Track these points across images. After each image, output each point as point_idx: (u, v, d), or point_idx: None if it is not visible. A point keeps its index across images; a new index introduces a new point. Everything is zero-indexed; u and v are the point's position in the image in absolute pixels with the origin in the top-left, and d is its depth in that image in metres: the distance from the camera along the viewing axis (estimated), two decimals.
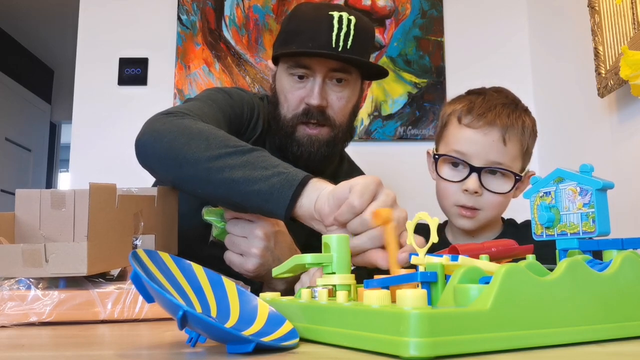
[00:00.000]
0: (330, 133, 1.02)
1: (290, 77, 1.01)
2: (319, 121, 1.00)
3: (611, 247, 0.49)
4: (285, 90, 1.02)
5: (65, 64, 4.04)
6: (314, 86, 0.99)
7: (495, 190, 0.95)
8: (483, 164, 0.94)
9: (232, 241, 0.82)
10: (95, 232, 0.66)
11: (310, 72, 0.99)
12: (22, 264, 0.64)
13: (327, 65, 0.98)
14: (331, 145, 1.02)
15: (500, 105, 0.97)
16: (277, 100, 1.04)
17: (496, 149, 0.94)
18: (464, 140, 0.96)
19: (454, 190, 0.97)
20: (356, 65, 1.01)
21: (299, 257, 0.53)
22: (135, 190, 0.78)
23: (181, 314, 0.38)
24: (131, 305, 0.64)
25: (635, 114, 1.25)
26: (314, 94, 0.98)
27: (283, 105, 1.03)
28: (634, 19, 1.20)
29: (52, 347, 0.50)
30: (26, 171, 4.14)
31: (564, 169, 0.54)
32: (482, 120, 0.95)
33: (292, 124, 1.01)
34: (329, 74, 0.99)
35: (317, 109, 0.99)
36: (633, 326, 0.44)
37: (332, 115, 1.01)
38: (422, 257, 0.46)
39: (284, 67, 1.02)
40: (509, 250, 0.55)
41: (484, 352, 0.37)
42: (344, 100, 1.02)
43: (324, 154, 1.02)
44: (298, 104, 1.01)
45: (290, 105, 1.01)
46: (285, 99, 1.02)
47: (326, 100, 1.00)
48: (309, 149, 1.01)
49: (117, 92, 1.89)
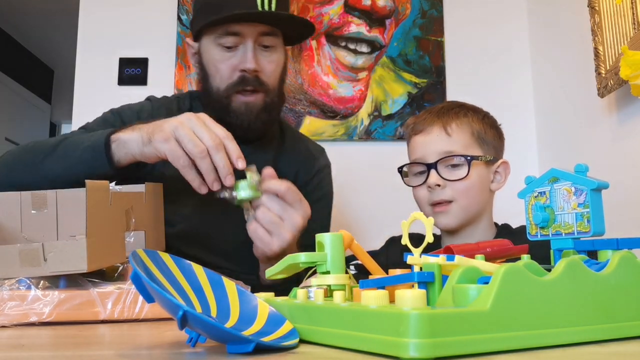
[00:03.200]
0: (266, 98, 1.02)
1: (218, 47, 1.01)
2: (254, 87, 1.01)
3: (606, 247, 0.49)
4: (215, 62, 1.01)
5: (65, 64, 4.04)
6: (247, 51, 0.99)
7: (454, 178, 0.99)
8: (436, 158, 1.00)
9: (267, 217, 0.83)
10: (93, 229, 0.66)
11: (240, 38, 0.99)
12: (20, 264, 0.64)
13: (257, 29, 0.99)
14: (268, 111, 1.03)
15: (439, 109, 1.06)
16: (206, 75, 1.04)
17: (441, 141, 1.01)
18: (415, 146, 1.05)
19: (423, 193, 1.03)
20: (286, 25, 1.02)
21: (292, 256, 0.53)
22: (118, 189, 0.78)
23: (181, 314, 0.38)
24: (131, 305, 0.65)
25: (635, 114, 1.25)
26: (248, 59, 0.99)
27: (215, 77, 1.02)
28: (634, 19, 1.20)
29: (52, 347, 0.50)
30: None
31: (558, 168, 0.54)
32: (424, 123, 1.04)
33: (228, 94, 1.01)
34: (258, 39, 1.00)
35: (252, 74, 1.00)
36: (632, 326, 0.44)
37: (265, 80, 1.02)
38: (419, 257, 0.46)
39: (211, 38, 1.01)
40: (504, 250, 0.55)
41: (484, 353, 0.37)
42: (274, 64, 1.03)
43: (262, 120, 1.03)
44: (231, 73, 1.00)
45: (223, 76, 1.01)
46: (216, 70, 1.01)
47: (260, 66, 1.00)
48: (247, 117, 1.01)
49: (117, 92, 1.89)
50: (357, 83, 1.87)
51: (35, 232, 0.76)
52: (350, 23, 1.89)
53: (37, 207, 0.76)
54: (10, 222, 0.76)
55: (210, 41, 1.02)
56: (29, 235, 0.76)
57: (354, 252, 0.59)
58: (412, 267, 0.47)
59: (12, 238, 0.76)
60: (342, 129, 1.85)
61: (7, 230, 0.76)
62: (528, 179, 0.57)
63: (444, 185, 0.99)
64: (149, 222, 0.82)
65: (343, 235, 0.54)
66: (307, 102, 1.85)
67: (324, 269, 0.52)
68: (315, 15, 1.90)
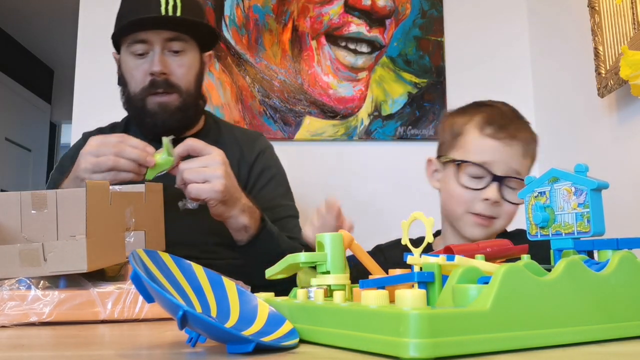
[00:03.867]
0: (179, 99, 1.10)
1: (131, 56, 1.10)
2: (165, 90, 1.08)
3: (606, 247, 0.49)
4: (130, 69, 1.11)
5: (65, 64, 4.04)
6: (154, 56, 1.08)
7: (513, 201, 0.96)
8: (504, 173, 0.96)
9: (192, 173, 0.90)
10: (93, 229, 0.66)
11: (148, 45, 1.08)
12: (20, 264, 0.64)
13: (162, 35, 1.07)
14: (183, 110, 1.11)
15: (516, 119, 1.02)
16: (125, 82, 1.13)
17: (517, 160, 0.97)
18: (488, 149, 0.97)
19: (471, 197, 0.97)
20: (189, 30, 1.09)
21: (292, 256, 0.53)
22: (118, 189, 0.78)
23: (181, 314, 0.38)
24: (131, 305, 0.65)
25: (635, 114, 1.25)
26: (154, 62, 1.07)
27: (130, 83, 1.11)
28: (634, 19, 1.20)
29: (52, 347, 0.50)
30: (26, 171, 4.14)
31: (558, 168, 0.54)
32: (505, 132, 0.97)
33: (142, 96, 1.09)
34: (166, 45, 1.08)
35: (161, 76, 1.07)
36: (632, 326, 0.44)
37: (176, 82, 1.09)
38: (418, 257, 0.46)
39: (125, 47, 1.11)
40: (504, 250, 0.55)
41: (484, 353, 0.37)
42: (185, 67, 1.11)
43: (177, 119, 1.10)
44: (144, 77, 1.09)
45: (137, 81, 1.10)
46: (131, 76, 1.11)
47: (168, 69, 1.08)
48: (162, 116, 1.09)
49: (117, 92, 1.88)
50: (357, 83, 1.87)
51: (35, 232, 0.76)
52: (350, 23, 1.89)
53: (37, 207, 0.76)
54: (10, 222, 0.76)
55: (124, 51, 1.12)
56: (29, 235, 0.76)
57: (354, 252, 0.59)
58: (412, 267, 0.47)
59: (12, 238, 0.76)
60: (342, 129, 1.85)
61: (7, 230, 0.76)
62: (528, 179, 0.57)
63: (500, 204, 0.96)
64: (149, 222, 0.82)
65: (343, 235, 0.54)
66: (307, 102, 1.85)
67: (324, 269, 0.52)
68: (315, 15, 1.90)
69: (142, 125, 1.13)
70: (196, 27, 1.10)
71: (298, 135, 1.84)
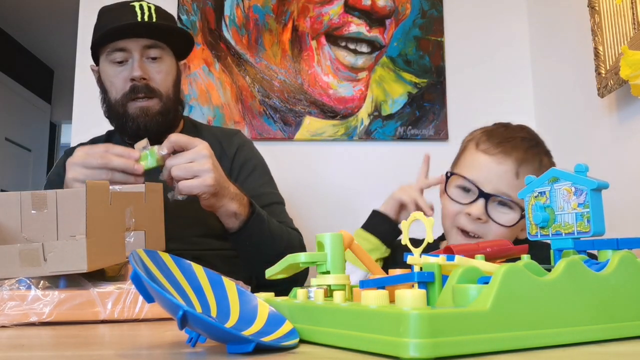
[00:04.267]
0: (160, 103, 1.13)
1: (111, 64, 1.13)
2: (146, 94, 1.12)
3: (606, 247, 0.49)
4: (109, 77, 1.14)
5: (65, 64, 4.04)
6: (133, 63, 1.11)
7: (498, 221, 0.93)
8: (492, 192, 0.93)
9: (181, 168, 0.91)
10: (93, 229, 0.66)
11: (127, 53, 1.12)
12: (20, 264, 0.64)
13: (140, 43, 1.12)
14: (163, 114, 1.14)
15: (519, 139, 0.97)
16: (105, 91, 1.16)
17: (507, 180, 0.93)
18: (478, 164, 0.96)
19: (457, 211, 0.96)
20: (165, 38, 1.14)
21: (292, 256, 0.53)
22: (118, 189, 0.78)
23: (181, 314, 0.38)
24: (131, 305, 0.65)
25: (635, 114, 1.25)
26: (134, 68, 1.11)
27: (111, 91, 1.14)
28: (634, 19, 1.20)
29: (52, 347, 0.50)
30: (26, 171, 4.14)
31: (558, 168, 0.54)
32: (499, 148, 0.95)
33: (123, 102, 1.12)
34: (144, 52, 1.12)
35: (141, 82, 1.11)
36: (632, 326, 0.44)
37: (156, 87, 1.13)
38: (418, 257, 0.46)
39: (104, 57, 1.14)
40: (504, 250, 0.55)
41: (484, 353, 0.37)
42: (163, 73, 1.15)
43: (158, 122, 1.13)
44: (124, 84, 1.12)
45: (117, 88, 1.13)
46: (111, 84, 1.14)
47: (147, 74, 1.12)
48: (143, 120, 1.12)
49: None
50: (357, 83, 1.87)
51: (35, 232, 0.76)
52: (350, 23, 1.89)
53: (37, 207, 0.76)
54: (10, 222, 0.76)
55: (103, 60, 1.15)
56: (29, 235, 0.76)
57: (354, 252, 0.59)
58: (412, 267, 0.47)
59: (12, 238, 0.76)
60: (342, 129, 1.85)
61: (7, 231, 0.76)
62: (528, 179, 0.57)
63: (485, 221, 0.93)
64: (149, 222, 0.82)
65: (343, 235, 0.54)
66: (307, 102, 1.85)
67: (324, 269, 0.52)
68: (315, 15, 1.90)
69: (124, 130, 1.16)
70: (172, 33, 1.15)
71: (298, 135, 1.84)
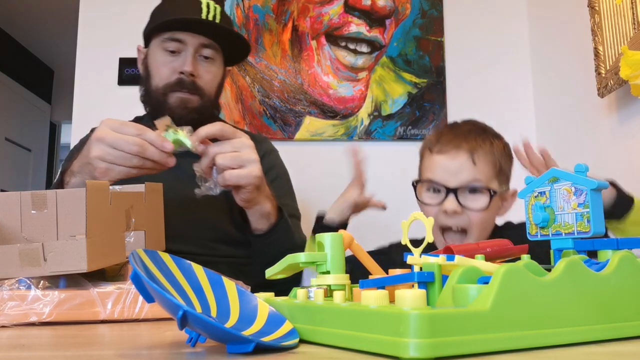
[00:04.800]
0: (200, 101, 1.12)
1: (163, 52, 1.11)
2: (190, 90, 1.10)
3: (606, 247, 0.49)
4: (158, 64, 1.12)
5: (65, 64, 4.04)
6: (187, 56, 1.10)
7: (473, 208, 0.97)
8: (457, 185, 0.98)
9: (226, 157, 0.87)
10: (93, 229, 0.66)
11: (182, 45, 1.10)
12: (20, 264, 0.64)
13: (198, 39, 1.10)
14: (201, 112, 1.12)
15: (466, 131, 1.03)
16: (148, 75, 1.14)
17: (466, 170, 0.99)
18: (436, 166, 1.02)
19: (435, 212, 1.00)
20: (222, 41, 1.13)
21: (292, 256, 0.53)
22: (118, 188, 0.78)
23: (181, 314, 0.38)
24: (131, 305, 0.65)
25: (635, 114, 1.25)
26: (187, 62, 1.09)
27: (155, 77, 1.12)
28: (634, 19, 1.20)
29: (52, 347, 0.50)
30: (26, 171, 4.14)
31: (558, 168, 0.54)
32: (450, 145, 1.01)
33: (164, 91, 1.11)
34: (199, 49, 1.11)
35: (190, 77, 1.10)
36: (632, 326, 0.44)
37: (201, 86, 1.12)
38: (418, 257, 0.46)
39: (158, 42, 1.12)
40: (504, 250, 0.55)
41: (484, 353, 0.37)
42: (211, 74, 1.14)
43: (194, 119, 1.08)
44: (171, 74, 1.11)
45: (162, 76, 1.11)
46: (157, 71, 1.12)
47: (197, 72, 1.11)
48: (180, 112, 1.09)
49: (117, 92, 1.89)
50: (357, 83, 1.87)
51: (35, 232, 0.76)
52: (350, 23, 1.89)
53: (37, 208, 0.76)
54: (10, 223, 0.76)
55: (156, 45, 1.13)
56: (29, 235, 0.76)
57: (354, 252, 0.59)
58: (412, 267, 0.47)
59: (12, 238, 0.76)
60: (342, 129, 1.85)
61: (7, 231, 0.76)
62: (528, 179, 0.57)
63: (461, 212, 0.97)
64: (149, 221, 0.82)
65: (343, 235, 0.54)
66: (307, 102, 1.85)
67: (324, 269, 0.52)
68: (315, 15, 1.90)
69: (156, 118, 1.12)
70: (231, 38, 1.14)
71: (298, 135, 1.84)
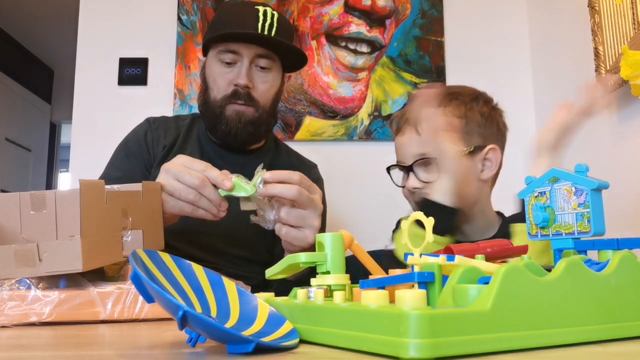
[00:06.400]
0: (255, 113, 1.12)
1: (219, 63, 1.12)
2: (245, 101, 1.11)
3: (607, 247, 0.49)
4: (214, 75, 1.13)
5: (65, 64, 4.04)
6: (242, 68, 1.10)
7: (428, 180, 0.97)
8: (411, 160, 0.99)
9: (292, 214, 0.87)
10: (88, 229, 0.66)
11: (238, 56, 1.11)
12: (15, 265, 0.64)
13: (253, 50, 1.10)
14: (256, 124, 1.13)
15: (417, 104, 0.99)
16: (206, 86, 1.16)
17: (412, 142, 0.99)
18: (396, 148, 1.04)
19: (407, 193, 1.03)
20: (279, 50, 1.12)
21: (292, 256, 0.53)
22: (117, 188, 0.78)
23: (181, 314, 0.38)
24: (131, 305, 0.65)
25: (635, 114, 1.25)
26: (241, 75, 1.10)
27: (212, 89, 1.14)
28: (634, 19, 1.20)
29: (52, 347, 0.50)
30: (26, 171, 4.14)
31: (558, 168, 0.54)
32: (399, 123, 1.03)
33: (222, 104, 1.12)
34: (254, 60, 1.11)
35: (244, 89, 1.10)
36: (632, 326, 0.44)
37: (257, 97, 1.12)
38: (418, 257, 0.46)
39: (214, 53, 1.13)
40: (504, 250, 0.55)
41: (484, 353, 0.37)
42: (268, 84, 1.14)
43: (249, 132, 1.13)
44: (227, 87, 1.11)
45: (219, 88, 1.12)
46: (214, 82, 1.13)
47: (252, 83, 1.11)
48: (236, 125, 1.11)
49: (117, 92, 1.89)
50: (357, 83, 1.87)
51: (35, 232, 0.76)
52: (350, 23, 1.89)
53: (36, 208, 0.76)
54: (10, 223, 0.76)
55: (213, 56, 1.13)
56: (29, 235, 0.76)
57: (354, 252, 0.59)
58: (412, 267, 0.47)
59: (11, 239, 0.76)
60: (342, 129, 1.85)
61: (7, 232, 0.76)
62: (528, 179, 0.57)
63: (423, 187, 0.97)
64: (146, 221, 0.82)
65: (343, 235, 0.54)
66: (307, 102, 1.85)
67: (324, 269, 0.52)
68: (315, 15, 1.90)
69: (213, 130, 1.15)
70: (287, 49, 1.13)
71: (298, 135, 1.84)
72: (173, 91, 1.86)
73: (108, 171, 1.15)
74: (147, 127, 1.19)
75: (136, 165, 1.13)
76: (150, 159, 1.15)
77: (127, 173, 1.11)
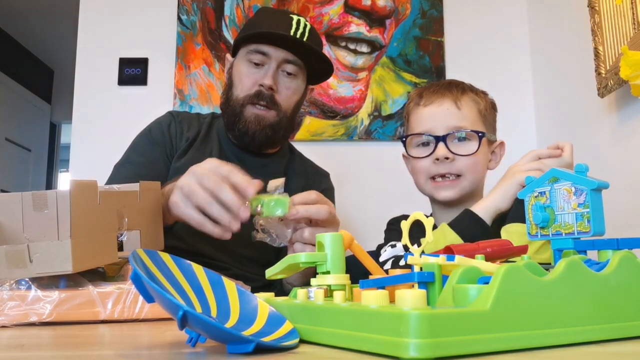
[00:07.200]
0: (276, 117, 1.13)
1: (248, 62, 1.13)
2: (267, 104, 1.11)
3: (606, 247, 0.49)
4: (241, 74, 1.14)
5: (65, 64, 4.04)
6: (269, 70, 1.11)
7: (463, 153, 1.01)
8: (446, 132, 1.01)
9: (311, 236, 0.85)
10: (79, 230, 0.65)
11: (266, 58, 1.12)
12: (6, 266, 0.64)
13: (282, 54, 1.11)
14: (275, 129, 1.13)
15: (447, 84, 1.07)
16: (231, 84, 1.16)
17: (452, 114, 1.02)
18: (423, 117, 1.05)
19: (426, 164, 1.03)
20: (307, 58, 1.13)
21: (292, 256, 0.53)
22: (117, 188, 0.77)
23: (181, 314, 0.38)
24: (131, 305, 0.65)
25: (635, 114, 1.25)
26: (267, 76, 1.11)
27: (237, 87, 1.14)
28: (634, 19, 1.20)
29: (52, 347, 0.50)
30: (26, 171, 4.14)
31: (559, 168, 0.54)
32: (434, 95, 1.04)
33: (243, 102, 1.12)
34: (282, 64, 1.12)
35: (269, 91, 1.11)
36: (632, 326, 0.44)
37: (279, 101, 1.13)
38: (418, 257, 0.46)
39: (244, 52, 1.14)
40: (504, 250, 0.55)
41: (484, 353, 0.37)
42: (291, 90, 1.14)
43: (267, 135, 1.13)
44: (251, 86, 1.12)
45: (244, 87, 1.13)
46: (240, 80, 1.14)
47: (276, 86, 1.12)
48: (254, 127, 1.12)
49: (117, 92, 1.89)
50: (357, 83, 1.87)
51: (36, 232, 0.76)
52: (350, 23, 1.89)
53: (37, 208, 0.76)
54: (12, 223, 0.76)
55: (242, 55, 1.15)
56: (31, 236, 0.76)
57: (354, 252, 0.59)
58: (412, 267, 0.47)
59: (14, 239, 0.75)
60: (342, 129, 1.85)
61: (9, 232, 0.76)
62: (528, 179, 0.57)
63: (452, 159, 1.00)
64: (144, 221, 0.81)
65: (343, 235, 0.54)
66: (307, 102, 1.85)
67: (324, 269, 0.52)
68: (315, 15, 1.90)
69: (232, 129, 1.15)
70: (315, 57, 1.13)
71: (298, 135, 1.84)
72: (173, 91, 1.86)
73: (129, 156, 1.15)
74: (171, 119, 1.20)
75: (159, 153, 1.14)
76: (172, 150, 1.15)
77: (149, 159, 1.12)
